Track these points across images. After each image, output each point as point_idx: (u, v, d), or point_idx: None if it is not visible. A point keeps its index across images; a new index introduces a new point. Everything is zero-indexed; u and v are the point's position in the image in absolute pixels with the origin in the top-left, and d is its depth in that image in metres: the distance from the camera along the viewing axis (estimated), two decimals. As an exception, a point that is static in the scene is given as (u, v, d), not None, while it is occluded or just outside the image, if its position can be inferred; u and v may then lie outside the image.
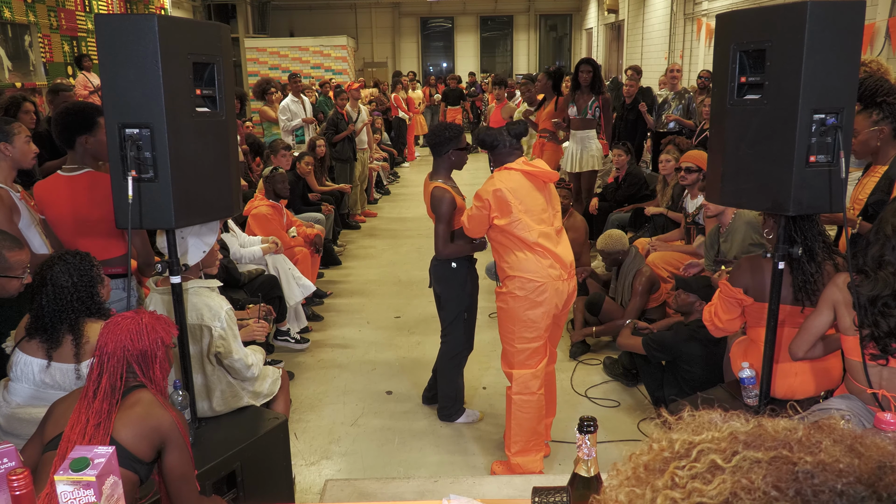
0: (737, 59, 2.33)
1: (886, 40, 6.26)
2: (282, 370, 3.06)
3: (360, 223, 8.26)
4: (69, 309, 2.36)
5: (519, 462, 3.14)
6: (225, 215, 2.56)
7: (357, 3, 20.44)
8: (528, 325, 3.04)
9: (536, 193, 3.03)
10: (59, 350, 2.34)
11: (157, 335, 1.87)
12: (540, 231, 3.00)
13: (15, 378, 2.38)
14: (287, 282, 4.57)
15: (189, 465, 1.87)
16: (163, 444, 1.81)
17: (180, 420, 1.86)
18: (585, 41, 20.45)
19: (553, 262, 3.02)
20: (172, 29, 2.17)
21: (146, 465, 1.79)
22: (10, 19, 8.43)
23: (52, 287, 2.34)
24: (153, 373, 1.87)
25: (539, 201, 3.04)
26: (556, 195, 3.18)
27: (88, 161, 2.99)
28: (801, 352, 2.43)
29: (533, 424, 3.11)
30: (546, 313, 3.04)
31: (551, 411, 3.34)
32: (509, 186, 2.99)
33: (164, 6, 12.73)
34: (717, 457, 0.69)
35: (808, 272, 2.52)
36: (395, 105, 12.55)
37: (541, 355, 3.10)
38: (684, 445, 0.72)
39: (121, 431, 1.74)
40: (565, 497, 1.45)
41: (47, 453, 1.79)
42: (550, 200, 3.11)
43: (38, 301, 2.34)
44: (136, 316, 1.88)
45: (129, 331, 1.83)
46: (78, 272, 2.39)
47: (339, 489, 2.09)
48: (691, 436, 0.73)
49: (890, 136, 2.93)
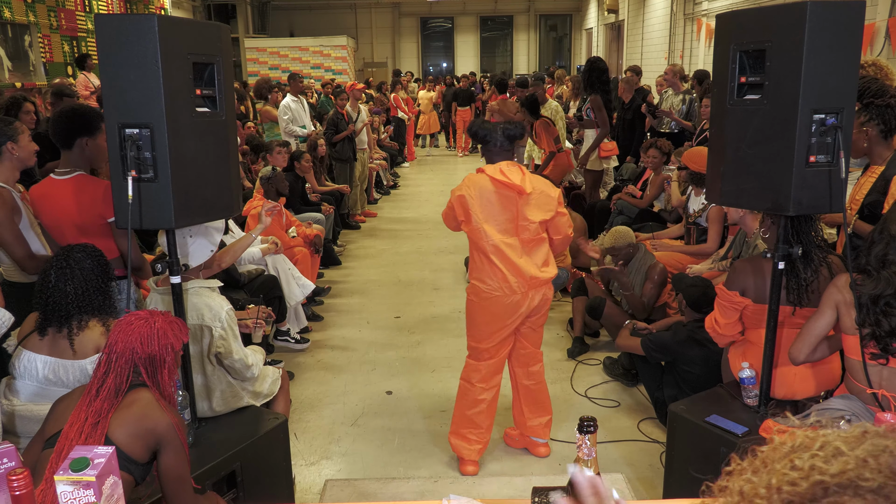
0: (737, 59, 2.33)
1: (886, 40, 6.26)
2: (282, 370, 3.06)
3: (360, 223, 8.26)
4: (95, 292, 2.38)
5: (452, 443, 3.24)
6: (225, 215, 2.57)
7: (357, 3, 20.45)
8: (476, 326, 3.12)
9: (504, 202, 2.95)
10: (59, 345, 2.34)
11: (168, 341, 1.86)
12: (500, 241, 2.95)
13: (18, 376, 2.38)
14: (287, 282, 4.57)
15: (185, 468, 1.86)
16: (158, 446, 1.80)
17: (179, 423, 1.85)
18: (585, 41, 20.45)
19: (509, 276, 2.97)
20: (172, 29, 2.17)
21: (141, 465, 1.78)
22: (10, 19, 8.43)
23: (78, 271, 2.35)
24: (160, 377, 1.86)
25: (505, 211, 2.96)
26: (538, 203, 2.99)
27: (82, 164, 2.99)
28: (802, 355, 2.40)
29: (464, 410, 3.20)
30: (491, 323, 3.06)
31: (544, 410, 3.33)
32: (473, 193, 2.96)
33: (164, 6, 12.73)
34: (842, 444, 0.68)
35: (802, 274, 2.52)
36: (395, 105, 12.55)
37: (489, 355, 3.14)
38: (807, 438, 0.71)
39: (116, 431, 1.74)
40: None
41: (45, 451, 1.79)
42: (521, 210, 2.96)
43: (63, 289, 2.33)
44: (149, 318, 1.87)
45: (140, 334, 1.83)
46: (97, 259, 2.43)
47: (339, 489, 2.09)
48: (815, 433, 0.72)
49: (878, 137, 2.94)
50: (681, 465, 2.69)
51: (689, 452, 2.64)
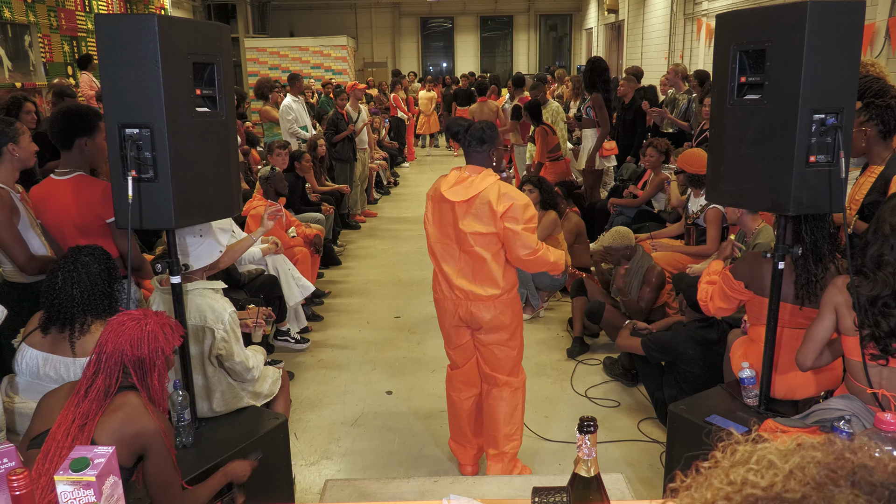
0: (737, 59, 2.33)
1: (886, 40, 6.26)
2: (282, 371, 3.06)
3: (360, 223, 8.26)
4: (101, 296, 2.37)
5: (450, 446, 3.28)
6: (225, 215, 2.57)
7: (357, 3, 20.44)
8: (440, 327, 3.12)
9: (443, 208, 2.88)
10: (61, 344, 2.35)
11: (158, 345, 1.83)
12: (436, 244, 2.93)
13: (20, 372, 2.39)
14: (287, 282, 4.57)
15: (171, 475, 1.84)
16: (143, 451, 1.78)
17: (166, 429, 1.82)
18: (585, 41, 20.45)
19: (441, 279, 2.96)
20: (172, 29, 2.17)
21: (125, 469, 1.76)
22: (10, 19, 8.43)
23: (85, 275, 2.35)
24: (150, 380, 1.84)
25: (444, 216, 2.88)
26: (477, 215, 2.78)
27: (82, 164, 2.98)
28: (809, 361, 2.37)
29: (450, 416, 3.22)
30: (441, 325, 3.08)
31: (480, 436, 3.21)
32: (431, 193, 2.94)
33: (164, 6, 12.72)
34: (775, 457, 0.68)
35: (813, 272, 2.51)
36: (395, 105, 12.55)
37: (455, 364, 3.13)
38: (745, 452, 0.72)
39: (101, 435, 1.72)
40: (565, 497, 1.45)
41: (31, 450, 1.77)
42: (457, 219, 2.82)
43: (69, 291, 2.33)
44: (141, 319, 1.85)
45: (131, 336, 1.81)
46: (104, 262, 2.42)
47: (339, 489, 2.09)
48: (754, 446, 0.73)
49: (876, 137, 2.94)
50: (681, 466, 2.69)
51: (689, 452, 2.63)
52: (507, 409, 3.03)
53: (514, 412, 3.05)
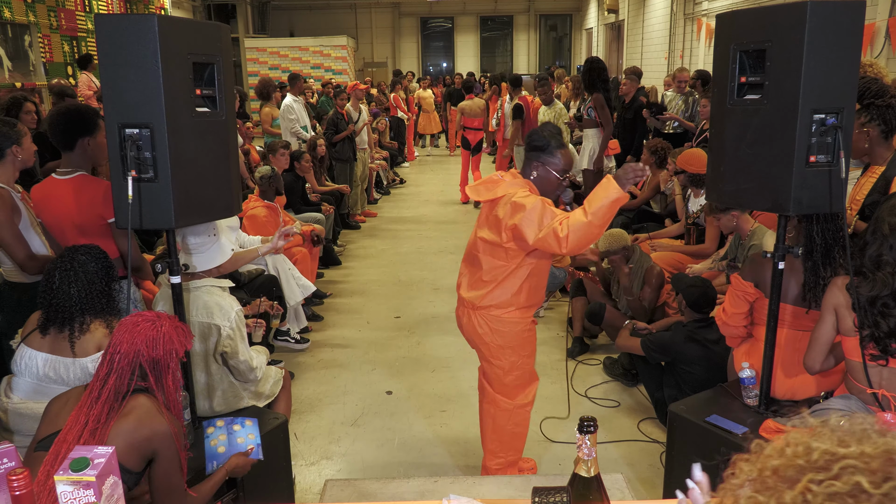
0: (737, 59, 2.33)
1: (886, 40, 6.27)
2: (284, 371, 3.06)
3: (360, 223, 8.26)
4: (99, 294, 2.37)
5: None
6: (225, 215, 2.57)
7: (357, 3, 20.45)
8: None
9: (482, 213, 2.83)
10: (60, 344, 2.35)
11: (173, 346, 1.83)
12: (466, 251, 2.88)
13: (18, 372, 2.39)
14: (287, 282, 4.57)
15: (178, 479, 1.84)
16: (153, 455, 1.78)
17: (178, 432, 1.82)
18: (585, 41, 20.45)
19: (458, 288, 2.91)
20: (172, 29, 2.17)
21: (134, 474, 1.76)
22: (10, 19, 8.43)
23: (82, 273, 2.35)
24: (165, 382, 1.83)
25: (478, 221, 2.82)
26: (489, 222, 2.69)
27: (84, 164, 2.99)
28: (817, 364, 2.37)
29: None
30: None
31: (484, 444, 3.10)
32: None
33: (164, 6, 12.73)
34: (863, 479, 0.57)
35: (821, 274, 2.50)
36: (395, 105, 12.54)
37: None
38: (825, 456, 0.60)
39: (114, 439, 1.71)
40: (565, 497, 1.45)
41: (37, 452, 1.76)
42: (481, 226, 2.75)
43: (66, 290, 2.32)
44: (156, 321, 1.84)
45: (146, 336, 1.80)
46: (101, 261, 2.42)
47: (339, 489, 2.09)
48: (835, 446, 0.61)
49: (879, 137, 2.94)
50: (681, 465, 2.69)
51: (689, 452, 2.64)
52: (490, 423, 2.95)
53: (499, 431, 2.94)
